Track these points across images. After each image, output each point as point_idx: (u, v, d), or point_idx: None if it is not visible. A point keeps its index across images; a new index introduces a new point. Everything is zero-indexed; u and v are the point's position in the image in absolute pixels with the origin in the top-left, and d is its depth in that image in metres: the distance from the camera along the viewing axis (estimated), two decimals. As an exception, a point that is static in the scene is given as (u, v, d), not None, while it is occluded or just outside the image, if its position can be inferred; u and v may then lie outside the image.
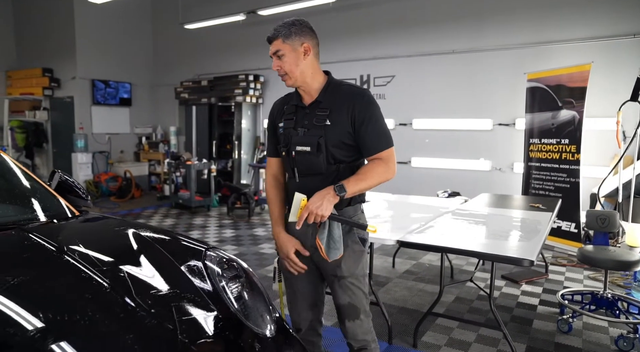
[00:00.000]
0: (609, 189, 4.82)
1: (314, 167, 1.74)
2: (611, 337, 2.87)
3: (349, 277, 1.77)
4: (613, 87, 5.04)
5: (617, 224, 3.19)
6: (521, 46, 5.71)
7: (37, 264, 1.29)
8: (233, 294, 1.36)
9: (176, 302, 1.22)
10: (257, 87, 7.93)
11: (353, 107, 1.71)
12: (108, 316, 1.10)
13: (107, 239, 1.64)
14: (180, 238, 1.67)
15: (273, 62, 1.77)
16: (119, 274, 1.27)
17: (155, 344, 1.07)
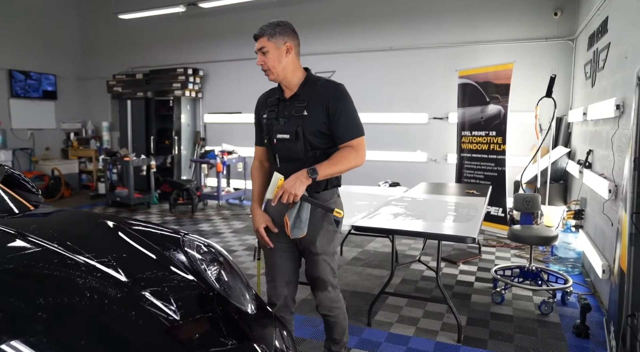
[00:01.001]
0: (529, 176, 5.36)
1: (293, 153, 1.91)
2: (535, 304, 3.25)
3: (322, 254, 1.98)
4: (531, 85, 5.59)
5: (540, 205, 3.59)
6: (453, 45, 6.13)
7: (25, 254, 1.26)
8: (213, 276, 1.42)
9: (166, 282, 1.25)
10: (196, 81, 7.76)
11: (328, 99, 1.90)
12: (102, 298, 1.12)
13: (83, 228, 1.61)
14: (154, 227, 1.68)
15: (258, 58, 1.95)
16: (106, 259, 1.27)
17: (150, 322, 1.11)
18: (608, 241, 3.24)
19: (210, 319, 1.21)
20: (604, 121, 3.58)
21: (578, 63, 5.30)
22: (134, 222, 1.68)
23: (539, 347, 2.63)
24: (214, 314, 1.24)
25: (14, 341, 0.87)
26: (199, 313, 1.22)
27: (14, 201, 1.89)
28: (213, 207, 7.05)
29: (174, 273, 1.34)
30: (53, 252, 1.26)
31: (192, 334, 1.15)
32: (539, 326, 2.91)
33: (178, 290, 1.25)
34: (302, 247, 2.02)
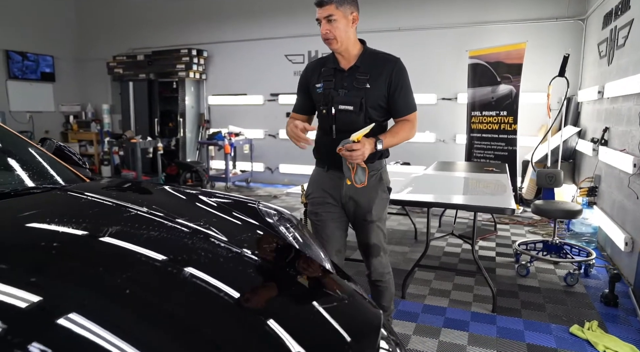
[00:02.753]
0: (540, 155, 5.44)
1: (353, 125, 1.90)
2: (559, 276, 3.34)
3: (377, 221, 2.04)
4: (540, 65, 5.63)
5: (562, 181, 3.67)
6: (462, 25, 6.13)
7: (117, 217, 1.27)
8: (291, 237, 1.45)
9: (253, 243, 1.29)
10: (200, 63, 7.65)
11: (390, 73, 1.91)
12: (198, 254, 1.14)
13: (157, 195, 1.61)
14: (225, 194, 1.69)
15: (322, 26, 1.87)
16: (201, 222, 1.28)
17: (257, 280, 1.14)
18: (630, 215, 3.33)
19: (295, 274, 1.28)
20: (625, 98, 3.64)
21: (589, 42, 5.35)
22: (200, 191, 1.68)
23: (571, 315, 2.72)
24: (302, 270, 1.29)
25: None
26: (290, 269, 1.29)
27: (69, 173, 1.87)
28: (221, 189, 7.03)
29: (261, 235, 1.37)
30: (149, 218, 1.26)
31: (294, 288, 1.20)
32: (567, 296, 3.00)
33: (265, 249, 1.30)
34: (355, 216, 2.05)
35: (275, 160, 7.62)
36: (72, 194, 1.42)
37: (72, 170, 1.94)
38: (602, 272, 3.43)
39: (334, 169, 2.01)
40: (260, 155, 7.63)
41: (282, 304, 1.09)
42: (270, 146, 7.59)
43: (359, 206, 2.02)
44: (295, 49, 7.17)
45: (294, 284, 1.24)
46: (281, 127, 7.46)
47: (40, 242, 1.05)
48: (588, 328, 2.51)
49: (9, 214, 1.21)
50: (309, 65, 2.11)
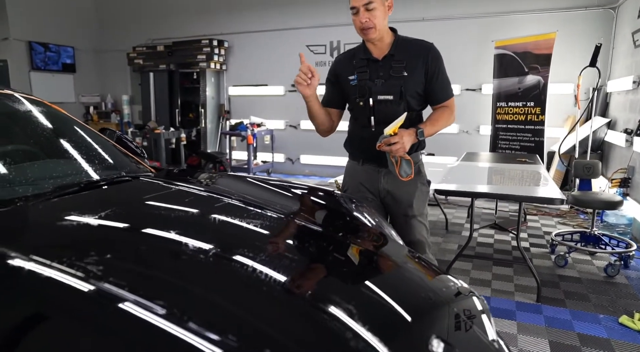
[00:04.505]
0: (567, 147, 5.41)
1: (394, 115, 1.84)
2: (598, 267, 3.35)
3: (418, 215, 1.98)
4: (569, 55, 5.57)
5: (599, 172, 3.66)
6: (487, 15, 6.07)
7: (205, 203, 1.30)
8: (369, 219, 1.48)
9: (347, 229, 1.33)
10: (221, 53, 7.65)
11: (427, 59, 1.87)
12: (290, 237, 1.18)
13: (244, 185, 1.64)
14: (298, 184, 1.72)
15: (361, 14, 1.80)
16: (294, 212, 1.31)
17: (329, 250, 1.20)
18: (669, 205, 3.32)
19: (384, 251, 1.33)
20: (664, 88, 3.61)
21: (620, 31, 5.28)
22: (282, 181, 1.71)
23: (617, 305, 2.74)
24: (385, 249, 1.33)
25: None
26: (379, 248, 1.35)
27: (136, 163, 1.91)
28: (243, 180, 7.08)
29: (349, 221, 1.41)
30: (240, 207, 1.29)
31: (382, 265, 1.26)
32: (610, 287, 3.01)
33: (349, 228, 1.35)
34: (394, 211, 1.99)
35: (296, 151, 7.64)
36: (160, 184, 1.45)
37: (139, 161, 1.98)
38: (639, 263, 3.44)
39: (369, 162, 1.98)
40: (281, 146, 7.65)
41: (379, 279, 1.14)
42: (291, 137, 7.61)
43: (398, 201, 1.95)
44: (317, 40, 7.14)
45: (384, 259, 1.30)
46: (302, 118, 7.46)
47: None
48: (638, 319, 2.53)
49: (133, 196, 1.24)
50: (339, 58, 2.05)
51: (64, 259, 0.86)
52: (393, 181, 1.94)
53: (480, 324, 1.22)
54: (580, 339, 2.35)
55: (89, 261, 0.86)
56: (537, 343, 2.31)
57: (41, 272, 0.83)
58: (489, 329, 1.22)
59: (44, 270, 0.83)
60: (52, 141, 1.76)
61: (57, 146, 1.73)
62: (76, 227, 1.07)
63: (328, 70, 2.08)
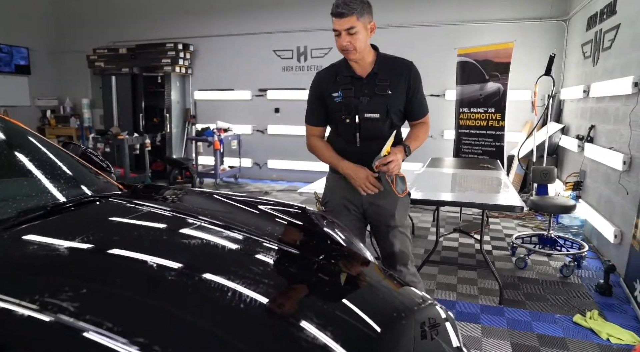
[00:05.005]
0: (525, 151, 5.66)
1: (379, 132, 1.92)
2: (554, 268, 3.53)
3: (400, 226, 2.04)
4: (525, 64, 5.83)
5: (555, 177, 3.85)
6: (452, 23, 6.27)
7: (172, 224, 1.29)
8: (339, 237, 1.52)
9: (305, 239, 1.36)
10: (186, 57, 7.53)
11: (408, 78, 1.93)
12: (254, 256, 1.21)
13: (206, 202, 1.63)
14: (269, 199, 1.73)
15: (342, 38, 1.83)
16: (269, 234, 1.33)
17: (303, 269, 1.23)
18: (618, 209, 3.54)
19: (353, 266, 1.39)
20: (612, 98, 3.85)
21: (572, 43, 5.58)
22: (246, 197, 1.72)
23: (572, 305, 2.90)
24: (355, 266, 1.38)
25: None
26: (349, 266, 1.39)
27: (104, 179, 1.87)
28: (209, 186, 6.99)
29: (320, 238, 1.44)
30: (214, 229, 1.30)
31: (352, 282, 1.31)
32: (565, 287, 3.18)
33: (315, 248, 1.39)
34: (377, 222, 2.04)
35: (264, 155, 7.62)
36: (130, 205, 1.43)
37: (106, 177, 1.94)
38: (592, 263, 3.65)
39: None
40: (248, 151, 7.60)
41: (340, 293, 1.19)
42: (259, 142, 7.58)
43: (380, 212, 2.00)
44: (284, 45, 7.16)
45: (351, 274, 1.35)
46: (270, 123, 7.46)
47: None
48: (590, 317, 2.69)
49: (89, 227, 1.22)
50: (321, 75, 2.04)
51: (31, 295, 0.85)
52: (376, 193, 1.98)
53: (444, 333, 1.28)
54: (539, 340, 2.48)
55: (60, 297, 0.85)
56: (500, 345, 2.42)
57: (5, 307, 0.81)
58: (453, 337, 1.28)
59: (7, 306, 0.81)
60: (9, 159, 1.69)
61: (15, 165, 1.67)
62: (41, 259, 1.04)
63: (310, 88, 2.07)
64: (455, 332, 1.32)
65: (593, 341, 2.48)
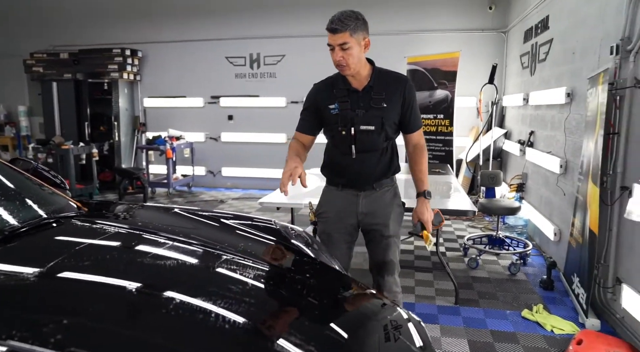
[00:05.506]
0: (472, 155, 5.97)
1: (374, 144, 1.97)
2: (503, 266, 3.76)
3: (394, 236, 2.09)
4: (469, 72, 6.15)
5: (501, 181, 4.10)
6: (401, 32, 6.49)
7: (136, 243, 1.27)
8: (309, 250, 1.56)
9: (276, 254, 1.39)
10: (134, 63, 7.28)
11: (403, 91, 1.99)
12: (229, 274, 1.23)
13: (173, 219, 1.60)
14: (241, 215, 1.74)
15: (335, 53, 1.86)
16: (246, 251, 1.34)
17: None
18: (556, 209, 3.83)
19: (315, 277, 1.45)
20: (548, 107, 4.16)
21: (511, 53, 5.96)
22: (218, 213, 1.71)
23: (520, 300, 3.11)
24: (318, 273, 1.45)
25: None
26: (317, 277, 1.44)
27: (60, 197, 1.79)
28: (162, 195, 6.80)
29: (291, 254, 1.47)
30: (185, 248, 1.29)
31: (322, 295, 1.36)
32: (513, 284, 3.40)
33: (303, 267, 1.42)
34: (371, 232, 2.08)
35: (218, 163, 7.51)
36: (95, 226, 1.39)
37: (61, 194, 1.86)
38: (535, 260, 3.92)
39: (348, 187, 2.05)
40: (201, 159, 7.46)
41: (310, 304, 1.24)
42: (212, 149, 7.46)
43: (375, 222, 2.04)
44: (237, 51, 7.11)
45: (319, 284, 1.40)
46: (223, 130, 7.37)
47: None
48: (536, 311, 2.89)
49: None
50: (318, 86, 2.07)
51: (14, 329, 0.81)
52: (371, 203, 2.05)
53: (407, 333, 1.35)
54: (492, 336, 2.64)
55: (44, 330, 0.82)
56: (457, 344, 2.55)
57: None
58: (416, 337, 1.35)
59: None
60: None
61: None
62: (8, 288, 1.00)
63: (306, 98, 2.08)
64: (421, 332, 1.39)
65: (539, 333, 2.67)
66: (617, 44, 2.68)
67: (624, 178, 2.64)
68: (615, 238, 2.72)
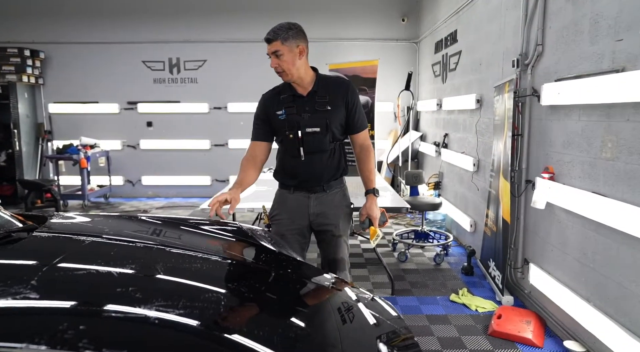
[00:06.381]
0: (393, 156, 6.38)
1: (321, 145, 2.07)
2: (428, 258, 4.11)
3: (343, 235, 2.21)
4: (389, 78, 6.58)
5: (424, 180, 4.47)
6: (321, 40, 6.72)
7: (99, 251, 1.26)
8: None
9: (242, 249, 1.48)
10: (36, 65, 6.65)
11: (346, 93, 2.12)
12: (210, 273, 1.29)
13: (133, 226, 1.57)
14: (203, 220, 1.75)
15: (272, 60, 1.99)
16: (220, 252, 1.37)
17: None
18: (471, 203, 4.29)
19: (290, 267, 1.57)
20: (460, 111, 4.63)
21: (423, 62, 6.49)
22: (188, 218, 1.71)
23: (447, 286, 3.44)
24: (287, 264, 1.56)
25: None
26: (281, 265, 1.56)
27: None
28: (76, 208, 6.29)
29: (256, 249, 1.56)
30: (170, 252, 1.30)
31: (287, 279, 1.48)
32: (439, 273, 3.74)
33: (251, 253, 1.53)
34: (322, 231, 2.18)
35: (137, 172, 7.14)
36: (70, 238, 1.32)
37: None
38: (455, 250, 4.34)
39: (299, 190, 2.15)
40: (118, 168, 7.03)
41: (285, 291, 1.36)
42: (130, 158, 7.08)
43: (326, 222, 2.16)
44: (155, 56, 6.84)
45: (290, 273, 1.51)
46: (142, 137, 7.03)
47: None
48: (461, 295, 3.23)
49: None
50: (266, 95, 2.17)
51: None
52: (321, 204, 2.15)
53: (359, 313, 1.44)
54: (428, 320, 2.90)
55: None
56: (399, 330, 2.76)
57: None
58: (368, 316, 1.44)
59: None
60: None
61: None
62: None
63: (256, 108, 2.16)
64: (375, 308, 1.51)
65: (466, 313, 3.00)
66: (517, 58, 3.12)
67: (527, 173, 3.07)
68: (523, 225, 3.15)
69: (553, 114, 2.72)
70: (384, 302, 1.59)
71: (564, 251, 2.61)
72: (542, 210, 2.73)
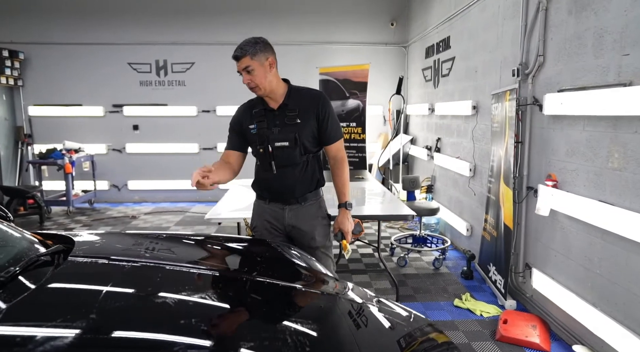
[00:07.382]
0: (384, 160, 6.44)
1: (291, 159, 2.07)
2: (427, 262, 4.16)
3: (321, 247, 2.22)
4: (379, 82, 6.63)
5: (420, 184, 4.52)
6: (312, 44, 6.73)
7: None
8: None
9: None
10: (15, 66, 6.41)
11: (317, 106, 2.11)
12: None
13: (164, 245, 1.53)
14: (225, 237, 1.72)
15: (243, 77, 2.01)
16: (264, 271, 1.35)
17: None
18: (467, 208, 4.36)
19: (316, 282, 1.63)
20: (454, 117, 4.70)
21: (412, 66, 6.56)
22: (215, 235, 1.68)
23: (449, 291, 3.49)
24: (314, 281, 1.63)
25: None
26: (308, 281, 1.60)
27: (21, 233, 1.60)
28: (60, 214, 6.10)
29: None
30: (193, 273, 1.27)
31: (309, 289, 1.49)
32: (439, 277, 3.79)
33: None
34: (299, 244, 2.17)
35: (123, 176, 6.97)
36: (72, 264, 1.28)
37: (18, 229, 1.66)
38: (452, 254, 4.40)
39: (275, 201, 2.16)
40: (103, 173, 6.85)
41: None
42: (116, 162, 6.91)
43: (302, 234, 2.16)
44: (141, 58, 6.69)
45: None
46: (128, 141, 6.87)
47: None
48: (465, 300, 3.29)
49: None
50: (240, 109, 2.20)
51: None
52: (296, 216, 2.14)
53: (372, 317, 1.41)
54: (435, 326, 2.93)
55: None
56: (409, 337, 2.79)
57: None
58: (382, 319, 1.42)
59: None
60: None
61: None
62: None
63: (232, 118, 2.18)
64: (386, 311, 1.47)
65: (472, 318, 3.05)
66: (517, 68, 3.19)
67: (529, 180, 3.15)
68: (524, 231, 3.22)
69: (555, 123, 2.79)
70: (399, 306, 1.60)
71: (567, 257, 2.69)
72: (545, 216, 2.80)
